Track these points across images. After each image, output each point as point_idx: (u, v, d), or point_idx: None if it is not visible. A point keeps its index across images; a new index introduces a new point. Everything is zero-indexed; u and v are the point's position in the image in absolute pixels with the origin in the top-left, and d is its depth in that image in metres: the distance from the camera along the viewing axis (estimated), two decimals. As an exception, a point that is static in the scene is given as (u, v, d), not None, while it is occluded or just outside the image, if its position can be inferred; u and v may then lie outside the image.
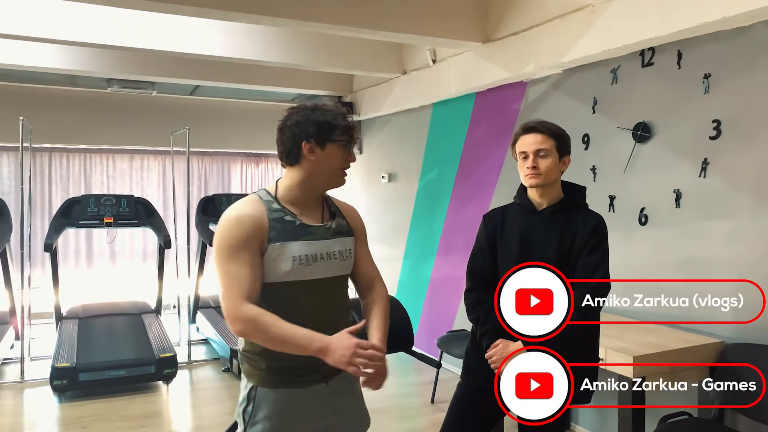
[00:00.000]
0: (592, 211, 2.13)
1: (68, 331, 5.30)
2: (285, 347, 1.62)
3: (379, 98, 5.93)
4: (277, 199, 1.74)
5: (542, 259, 2.01)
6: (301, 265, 1.69)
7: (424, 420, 4.11)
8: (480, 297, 2.15)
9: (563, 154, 2.10)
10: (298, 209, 1.75)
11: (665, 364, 2.75)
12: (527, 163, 2.06)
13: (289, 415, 1.72)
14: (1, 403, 4.33)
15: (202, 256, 6.12)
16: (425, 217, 5.57)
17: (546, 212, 2.09)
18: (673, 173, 3.24)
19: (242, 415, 1.74)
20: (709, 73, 3.05)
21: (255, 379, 1.73)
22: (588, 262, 2.00)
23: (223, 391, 4.68)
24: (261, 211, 1.69)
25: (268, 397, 1.71)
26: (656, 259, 3.33)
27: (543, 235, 2.07)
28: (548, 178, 2.06)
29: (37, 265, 6.30)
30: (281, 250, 1.67)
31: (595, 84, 3.73)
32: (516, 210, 2.17)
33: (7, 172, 6.80)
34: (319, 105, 1.75)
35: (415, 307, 5.69)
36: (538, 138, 2.06)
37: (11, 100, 6.10)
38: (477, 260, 2.20)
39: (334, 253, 1.76)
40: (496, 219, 2.17)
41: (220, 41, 4.62)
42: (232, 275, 1.63)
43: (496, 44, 4.20)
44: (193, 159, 7.29)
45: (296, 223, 1.72)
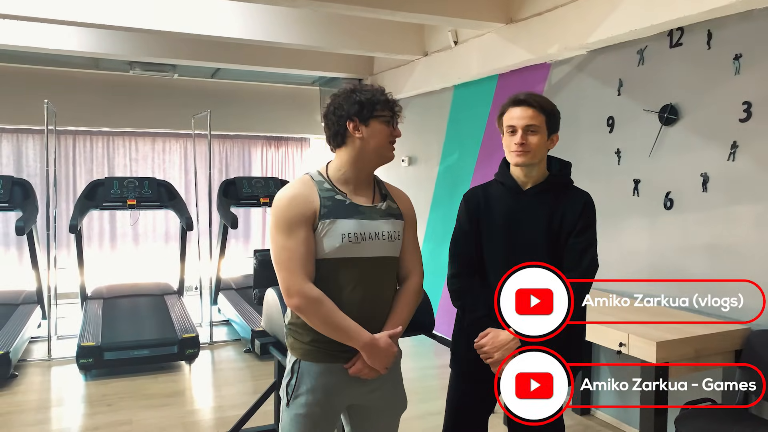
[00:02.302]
0: (579, 189, 2.01)
1: (93, 311, 5.40)
2: (334, 333, 1.71)
3: (400, 81, 5.88)
4: (328, 179, 1.78)
5: (530, 242, 1.94)
6: (350, 243, 1.73)
7: (442, 402, 4.10)
8: (465, 283, 2.08)
9: (552, 132, 1.96)
10: (349, 189, 1.79)
11: (688, 352, 2.71)
12: (515, 138, 1.92)
13: (330, 388, 1.76)
14: (30, 380, 4.43)
15: (223, 238, 6.17)
16: (446, 200, 5.54)
17: (531, 192, 1.97)
18: (701, 157, 3.17)
19: (285, 388, 1.79)
20: (740, 53, 2.96)
21: (298, 352, 1.78)
22: (577, 243, 1.91)
23: (244, 371, 4.73)
24: (312, 190, 1.75)
25: (311, 370, 1.75)
26: (682, 243, 3.28)
27: (530, 216, 1.95)
28: (536, 156, 1.93)
29: (62, 247, 6.42)
30: (331, 226, 1.72)
31: (620, 65, 3.65)
32: (499, 189, 2.03)
33: (33, 155, 6.91)
34: (357, 86, 1.80)
35: (435, 290, 5.68)
36: (529, 112, 1.92)
37: (36, 83, 6.19)
38: (460, 243, 2.09)
39: (383, 233, 1.78)
40: (478, 199, 2.04)
41: (240, 23, 4.62)
42: (290, 250, 1.70)
43: (520, 25, 4.12)
44: (215, 142, 7.33)
45: (347, 202, 1.76)
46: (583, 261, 1.91)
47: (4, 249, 6.88)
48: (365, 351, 1.72)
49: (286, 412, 1.78)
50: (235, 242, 7.08)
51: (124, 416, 3.79)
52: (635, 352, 2.71)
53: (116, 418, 3.75)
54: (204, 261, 5.97)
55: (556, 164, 2.03)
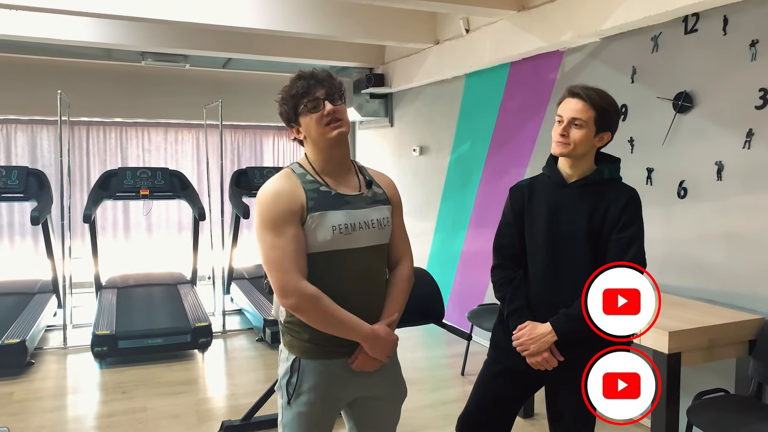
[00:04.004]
0: (625, 184, 2.00)
1: (107, 300, 5.46)
2: (334, 329, 1.69)
3: (411, 69, 5.85)
4: (309, 171, 1.75)
5: (571, 235, 1.93)
6: (341, 234, 1.69)
7: (454, 391, 4.13)
8: (507, 274, 2.08)
9: (602, 130, 1.93)
10: (332, 180, 1.75)
11: (702, 340, 2.69)
12: (559, 129, 1.92)
13: (333, 384, 1.75)
14: (46, 368, 4.50)
15: (235, 228, 6.20)
16: (457, 190, 5.53)
17: (576, 185, 1.97)
18: (716, 145, 3.13)
19: (285, 387, 1.75)
20: (757, 39, 2.91)
21: (297, 350, 1.75)
22: (621, 239, 1.88)
23: (257, 360, 4.77)
24: (296, 184, 1.70)
25: (312, 368, 1.73)
26: (697, 233, 3.24)
27: (572, 209, 1.95)
28: (576, 150, 1.92)
29: (77, 236, 6.48)
30: (320, 219, 1.68)
31: (634, 52, 3.61)
32: (544, 182, 2.05)
33: (47, 145, 6.97)
34: (284, 88, 1.78)
35: (446, 280, 5.68)
36: (579, 106, 1.90)
37: (49, 74, 6.24)
38: (504, 235, 2.11)
39: (372, 221, 1.76)
40: (523, 192, 2.06)
41: (252, 13, 4.61)
42: (281, 248, 1.64)
43: (532, 12, 4.08)
44: (226, 132, 7.35)
45: (332, 193, 1.72)
46: (628, 255, 1.87)
47: (20, 239, 6.97)
48: (367, 342, 1.71)
49: (287, 410, 1.75)
50: (248, 232, 7.10)
51: (139, 404, 3.83)
52: (648, 341, 2.69)
53: (131, 406, 3.80)
54: (216, 251, 6.01)
55: (606, 160, 2.02)
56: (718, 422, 2.52)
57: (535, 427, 3.50)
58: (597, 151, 2.00)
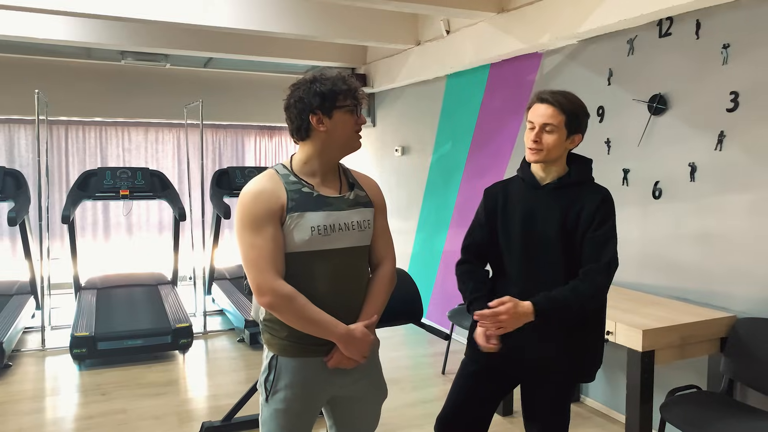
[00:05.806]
0: (598, 185, 2.03)
1: (87, 301, 5.41)
2: (309, 328, 1.69)
3: (393, 70, 5.88)
4: (293, 173, 1.76)
5: (545, 236, 1.95)
6: (319, 236, 1.71)
7: (435, 390, 4.16)
8: (471, 268, 2.11)
9: (573, 132, 1.96)
10: (316, 181, 1.76)
11: (674, 338, 2.75)
12: (532, 135, 1.96)
13: (310, 383, 1.76)
14: (24, 370, 4.45)
15: (216, 228, 6.18)
16: (439, 190, 5.56)
17: (549, 187, 2.00)
18: (689, 146, 3.19)
19: (264, 384, 1.78)
20: (728, 43, 2.98)
21: (275, 348, 1.77)
22: (596, 236, 1.91)
23: (238, 360, 4.76)
24: (279, 185, 1.72)
25: (289, 365, 1.74)
26: (671, 232, 3.31)
27: (546, 211, 1.98)
28: (550, 155, 1.95)
29: (56, 237, 6.42)
30: (300, 220, 1.69)
31: (611, 55, 3.67)
32: (519, 184, 2.08)
33: (25, 145, 6.89)
34: (318, 76, 1.73)
35: (427, 280, 5.72)
36: (548, 111, 1.93)
37: (27, 73, 6.15)
38: (474, 236, 2.13)
39: (352, 223, 1.77)
40: (497, 194, 2.10)
41: (233, 13, 4.60)
42: (259, 247, 1.66)
43: (512, 14, 4.13)
44: (207, 132, 7.32)
45: (314, 195, 1.73)
46: (604, 253, 1.90)
47: (-3, 239, 6.88)
48: (341, 343, 1.71)
49: (265, 407, 1.77)
50: (229, 232, 7.09)
51: (119, 405, 3.81)
52: (622, 340, 2.74)
53: (111, 407, 3.78)
54: (197, 251, 5.98)
55: (577, 161, 2.04)
56: (690, 418, 2.57)
57: (513, 425, 3.54)
58: (569, 152, 2.04)
